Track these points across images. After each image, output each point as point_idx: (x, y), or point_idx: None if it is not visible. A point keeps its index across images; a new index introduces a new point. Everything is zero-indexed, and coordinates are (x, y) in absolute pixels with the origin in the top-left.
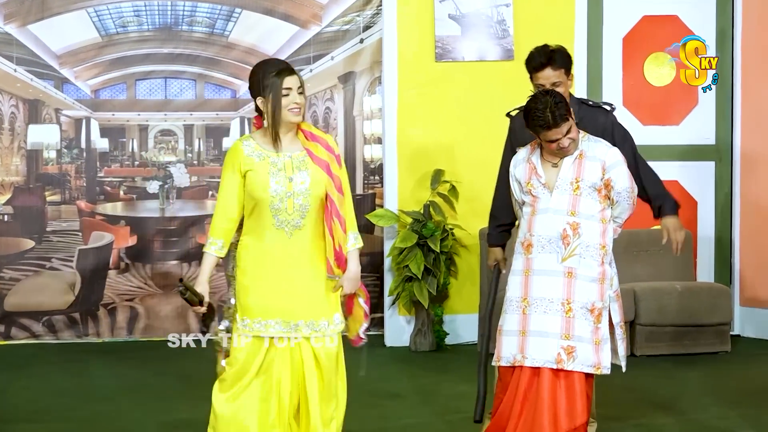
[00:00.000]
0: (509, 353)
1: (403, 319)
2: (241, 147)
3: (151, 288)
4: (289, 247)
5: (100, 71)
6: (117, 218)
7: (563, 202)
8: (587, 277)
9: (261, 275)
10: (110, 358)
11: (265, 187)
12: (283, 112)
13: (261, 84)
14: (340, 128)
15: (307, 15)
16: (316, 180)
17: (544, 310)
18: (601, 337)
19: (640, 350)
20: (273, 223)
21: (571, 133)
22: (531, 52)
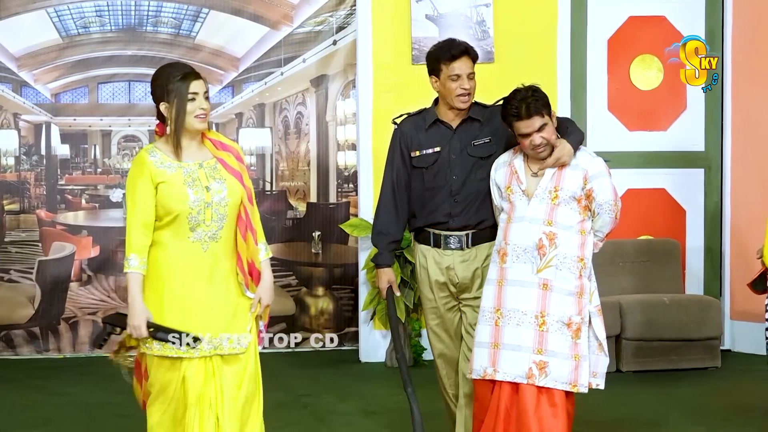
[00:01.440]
0: (479, 365)
1: (378, 334)
2: (149, 159)
3: (115, 301)
4: (203, 262)
5: (61, 74)
6: (79, 228)
7: (540, 211)
8: (563, 290)
9: (173, 290)
10: (72, 375)
11: (184, 199)
12: (188, 119)
13: (165, 88)
14: (312, 134)
15: (277, 15)
16: (232, 189)
17: (517, 323)
18: (580, 353)
19: (627, 366)
20: (189, 236)
21: (545, 132)
22: (441, 44)
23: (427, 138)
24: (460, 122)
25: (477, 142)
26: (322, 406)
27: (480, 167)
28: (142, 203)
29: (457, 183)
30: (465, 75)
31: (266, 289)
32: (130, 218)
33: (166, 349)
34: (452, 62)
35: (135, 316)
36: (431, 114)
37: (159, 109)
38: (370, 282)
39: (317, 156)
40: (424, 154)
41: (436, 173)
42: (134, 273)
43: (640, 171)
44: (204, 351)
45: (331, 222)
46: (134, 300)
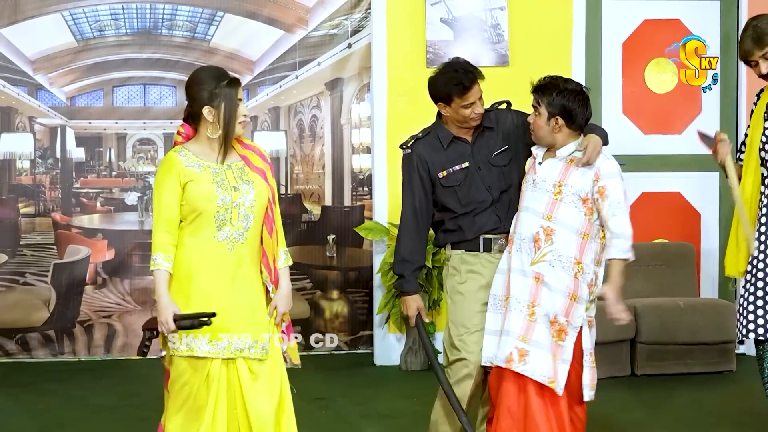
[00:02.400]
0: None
1: (393, 337)
2: (179, 158)
3: (130, 304)
4: (228, 262)
5: (76, 77)
6: (94, 231)
7: (541, 204)
8: (555, 288)
9: (199, 289)
10: (87, 378)
11: (212, 198)
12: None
13: (212, 93)
14: (327, 137)
15: (292, 18)
16: (259, 190)
17: (512, 309)
18: (560, 356)
19: (641, 369)
20: (215, 235)
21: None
22: (446, 74)
23: (448, 157)
24: (476, 135)
25: (496, 152)
26: (336, 410)
27: (505, 175)
28: (168, 202)
29: (495, 193)
30: (477, 99)
31: (284, 297)
32: (156, 217)
33: (193, 349)
34: (465, 93)
35: (162, 312)
36: (445, 132)
37: (193, 112)
38: (384, 285)
39: (332, 159)
40: (452, 172)
41: (469, 188)
42: (160, 270)
43: (655, 174)
44: (228, 352)
45: (345, 225)
46: (161, 297)
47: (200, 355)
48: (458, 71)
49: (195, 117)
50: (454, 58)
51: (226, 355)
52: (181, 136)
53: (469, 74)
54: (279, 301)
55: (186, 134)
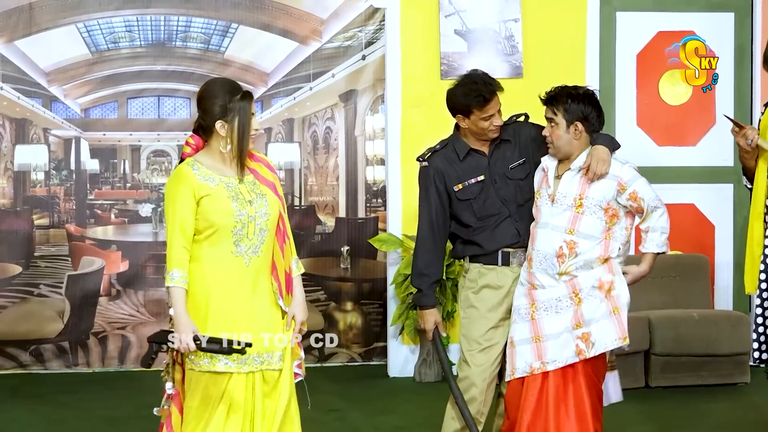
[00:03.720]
0: (524, 362)
1: (407, 349)
2: (192, 171)
3: (144, 316)
4: (246, 276)
5: (91, 89)
6: (108, 243)
7: (563, 219)
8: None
9: (217, 305)
10: (101, 389)
11: (229, 213)
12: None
13: (225, 107)
14: (341, 149)
15: (306, 30)
16: (272, 203)
17: (556, 311)
18: (618, 305)
19: (655, 381)
20: (232, 250)
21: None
22: (464, 89)
23: (464, 169)
24: (493, 147)
25: (513, 165)
26: (350, 422)
27: (521, 189)
28: (183, 215)
29: (512, 207)
30: (496, 111)
31: (299, 304)
32: (169, 231)
33: (215, 363)
34: (485, 106)
35: (182, 331)
36: (462, 144)
37: (205, 125)
38: (398, 297)
39: (346, 171)
40: (468, 185)
41: (484, 201)
42: (178, 288)
43: (669, 186)
44: (249, 367)
45: (359, 237)
46: (179, 315)
47: (221, 370)
48: (478, 83)
49: (206, 130)
50: (472, 70)
51: (248, 369)
52: (190, 147)
53: (489, 86)
54: (296, 310)
55: (196, 146)
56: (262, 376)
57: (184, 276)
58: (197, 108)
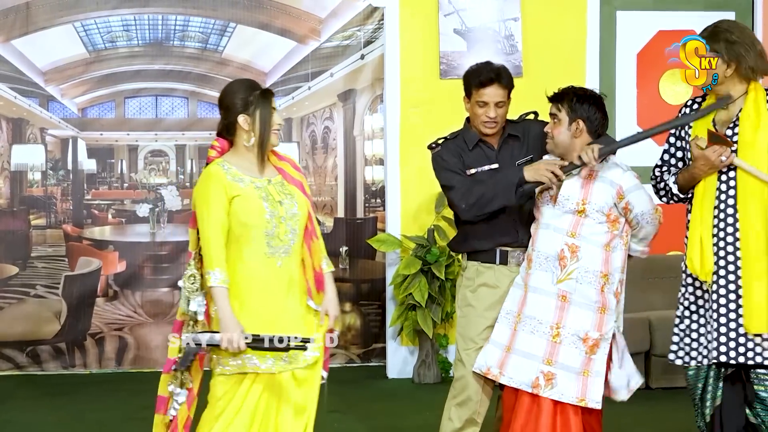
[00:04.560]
0: (484, 362)
1: (406, 350)
2: (223, 171)
3: (141, 317)
4: (280, 276)
5: (88, 89)
6: (105, 243)
7: (564, 222)
8: (583, 304)
9: (251, 308)
10: (98, 391)
11: (261, 212)
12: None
13: (245, 101)
14: (339, 149)
15: (305, 30)
16: (300, 203)
17: (532, 330)
18: (592, 369)
19: (656, 383)
20: (265, 251)
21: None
22: (474, 67)
23: (474, 159)
24: (501, 141)
25: (520, 161)
26: (349, 423)
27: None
28: (218, 215)
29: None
30: (492, 103)
31: (332, 300)
32: (207, 231)
33: (246, 365)
34: (481, 88)
35: (231, 329)
36: (471, 135)
37: (228, 123)
38: (397, 297)
39: (344, 171)
40: (479, 172)
41: None
42: (222, 288)
43: None
44: (279, 366)
45: (358, 237)
46: (226, 314)
47: (251, 371)
48: (484, 67)
49: (230, 128)
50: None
51: (278, 369)
52: (215, 151)
53: (491, 73)
54: (329, 306)
55: (221, 148)
56: (292, 375)
57: (226, 275)
58: (219, 109)
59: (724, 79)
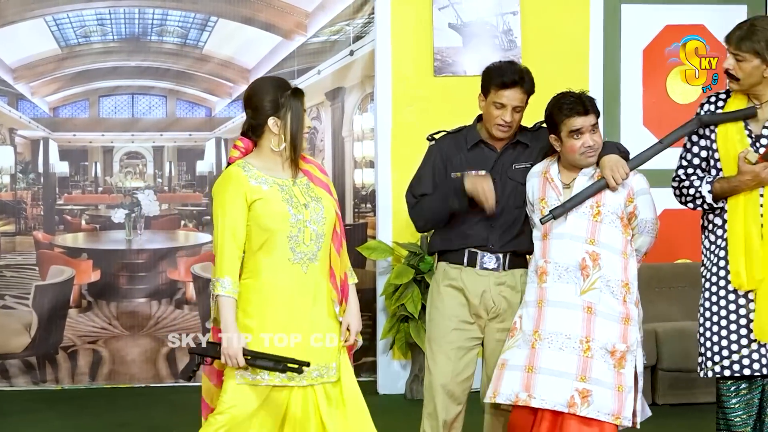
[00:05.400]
0: (510, 390)
1: (397, 364)
2: (243, 173)
3: (117, 329)
4: (306, 284)
5: (60, 86)
6: (78, 251)
7: (581, 228)
8: (607, 315)
9: (277, 318)
10: (70, 408)
11: (285, 217)
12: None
13: (277, 102)
14: (327, 150)
15: (290, 24)
16: (327, 206)
17: (560, 347)
18: (624, 384)
19: (663, 398)
20: (289, 257)
21: (597, 135)
22: (498, 65)
23: (468, 159)
24: (506, 145)
25: (518, 165)
26: None
27: (519, 193)
28: (234, 221)
29: (497, 208)
30: (510, 107)
31: (355, 315)
32: (220, 237)
33: (274, 378)
34: (501, 90)
35: (231, 345)
36: (473, 134)
37: (256, 124)
38: (389, 308)
39: (333, 174)
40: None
41: None
42: (229, 297)
43: None
44: (309, 379)
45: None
46: (229, 327)
47: (279, 384)
48: (508, 67)
49: (257, 129)
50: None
51: (309, 382)
52: (238, 151)
53: (515, 75)
54: (352, 320)
55: (245, 149)
56: (323, 390)
57: (236, 285)
58: (245, 108)
59: (762, 79)
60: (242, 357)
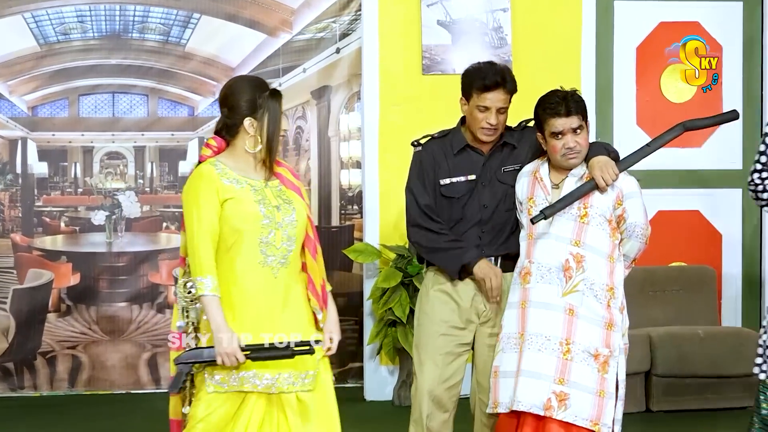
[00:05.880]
0: (507, 397)
1: (385, 370)
2: (216, 171)
3: (97, 334)
4: (277, 288)
5: (39, 85)
6: (57, 254)
7: (566, 229)
8: (590, 318)
9: (244, 323)
10: (49, 415)
11: (256, 218)
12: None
13: (254, 102)
14: (313, 150)
15: (275, 21)
16: (299, 210)
17: (539, 348)
18: (606, 390)
19: (657, 405)
20: (260, 260)
21: (581, 137)
22: (478, 66)
23: (456, 165)
24: (493, 148)
25: (507, 168)
26: None
27: (510, 195)
28: (209, 219)
29: (487, 213)
30: (494, 108)
31: (334, 323)
32: (196, 235)
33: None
34: (484, 93)
35: (226, 342)
36: (459, 138)
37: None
38: (376, 313)
39: (318, 175)
40: (454, 182)
41: (465, 203)
42: (214, 296)
43: (672, 191)
44: (278, 387)
45: (333, 247)
46: (220, 325)
47: (249, 390)
48: (488, 68)
49: (231, 129)
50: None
51: (279, 389)
52: (210, 149)
53: (497, 76)
54: (333, 329)
55: (218, 148)
56: (295, 399)
57: (217, 283)
58: (221, 106)
59: None
60: (241, 354)
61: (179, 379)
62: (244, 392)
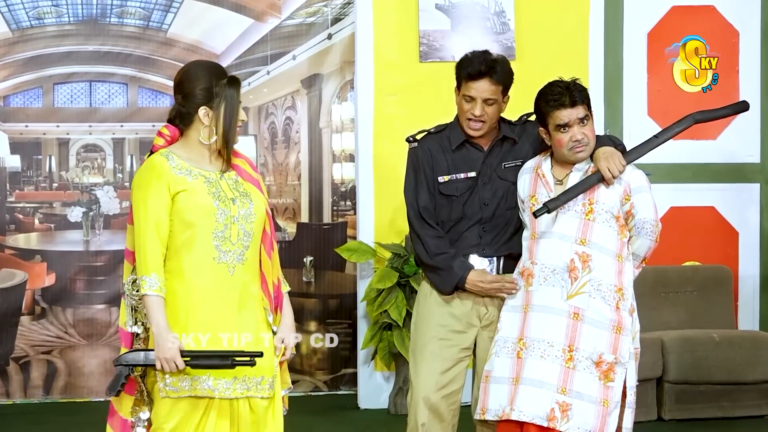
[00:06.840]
0: (497, 404)
1: (380, 376)
2: (167, 163)
3: (73, 338)
4: (233, 286)
5: (11, 73)
6: (31, 252)
7: (571, 227)
8: (597, 322)
9: (197, 324)
10: (22, 424)
11: (210, 211)
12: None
13: (210, 91)
14: (303, 143)
15: (263, 5)
16: (257, 203)
17: (541, 355)
18: (610, 399)
19: (669, 413)
20: (214, 256)
21: (587, 127)
22: (468, 55)
23: (454, 162)
24: (493, 143)
25: (508, 164)
26: None
27: (512, 193)
28: (157, 214)
29: (488, 211)
30: (480, 99)
31: (289, 327)
32: (143, 231)
33: (196, 387)
34: (469, 82)
35: (166, 348)
36: (457, 133)
37: (185, 113)
38: (370, 315)
39: (309, 168)
40: (454, 179)
41: (465, 202)
42: (157, 296)
43: (686, 186)
44: (236, 392)
45: (325, 245)
46: (161, 328)
47: (203, 395)
48: (477, 57)
49: (185, 118)
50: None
51: (234, 394)
52: (163, 139)
53: (482, 65)
54: (287, 333)
55: (171, 137)
56: (248, 404)
57: (162, 282)
58: (175, 93)
59: None
60: (181, 360)
61: (117, 382)
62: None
